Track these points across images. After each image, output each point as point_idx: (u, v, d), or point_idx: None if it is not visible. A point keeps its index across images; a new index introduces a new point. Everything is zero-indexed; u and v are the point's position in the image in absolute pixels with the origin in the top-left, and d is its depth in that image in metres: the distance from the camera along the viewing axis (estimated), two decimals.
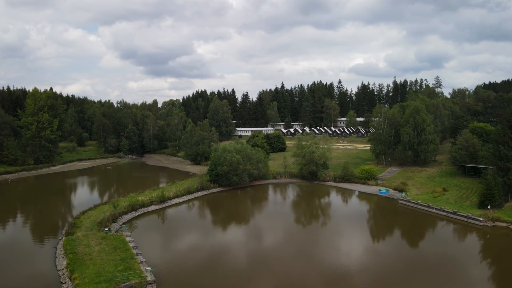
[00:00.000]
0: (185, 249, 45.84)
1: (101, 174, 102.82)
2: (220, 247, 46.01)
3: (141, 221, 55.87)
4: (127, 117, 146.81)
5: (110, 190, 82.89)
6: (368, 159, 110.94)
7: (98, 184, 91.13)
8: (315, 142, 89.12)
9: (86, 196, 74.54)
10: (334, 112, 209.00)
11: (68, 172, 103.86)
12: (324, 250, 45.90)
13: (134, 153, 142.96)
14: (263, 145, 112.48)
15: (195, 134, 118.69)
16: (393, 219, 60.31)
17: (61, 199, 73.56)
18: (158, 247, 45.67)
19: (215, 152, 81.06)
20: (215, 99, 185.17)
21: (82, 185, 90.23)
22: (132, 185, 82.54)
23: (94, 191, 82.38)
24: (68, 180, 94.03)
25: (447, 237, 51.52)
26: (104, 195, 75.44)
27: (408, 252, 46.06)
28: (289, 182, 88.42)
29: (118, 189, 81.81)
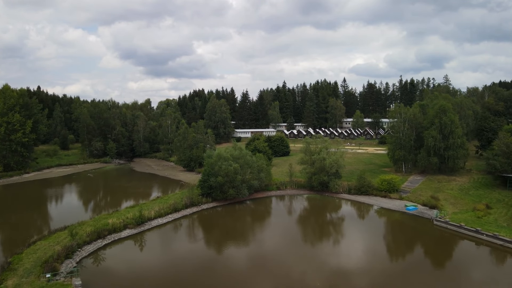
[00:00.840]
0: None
1: (78, 184, 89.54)
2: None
3: (109, 253, 43.06)
4: (116, 118, 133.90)
5: (79, 208, 67.16)
6: (383, 165, 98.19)
7: (69, 198, 76.26)
8: (325, 147, 76.28)
9: (46, 217, 61.23)
10: (339, 112, 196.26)
11: (42, 181, 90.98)
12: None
13: (123, 158, 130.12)
14: (264, 149, 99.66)
15: (188, 136, 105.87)
16: (434, 249, 47.11)
17: (14, 221, 57.82)
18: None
19: (208, 159, 68.24)
20: (212, 98, 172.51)
21: (49, 199, 75.40)
22: (109, 200, 70.07)
23: (60, 209, 67.41)
24: (37, 191, 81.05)
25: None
26: (70, 215, 59.74)
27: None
28: (296, 194, 75.57)
29: (90, 206, 67.77)
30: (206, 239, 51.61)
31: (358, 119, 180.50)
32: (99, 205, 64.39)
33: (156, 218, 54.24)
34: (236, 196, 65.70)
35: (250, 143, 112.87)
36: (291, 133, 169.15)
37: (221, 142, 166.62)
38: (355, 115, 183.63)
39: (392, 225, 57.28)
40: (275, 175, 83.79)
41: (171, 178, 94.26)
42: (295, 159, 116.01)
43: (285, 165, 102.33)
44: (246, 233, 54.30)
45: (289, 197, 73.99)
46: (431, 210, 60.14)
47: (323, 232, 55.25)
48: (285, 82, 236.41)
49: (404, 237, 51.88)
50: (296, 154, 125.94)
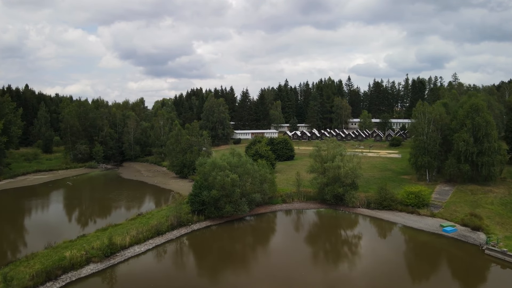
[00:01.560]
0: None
1: (50, 195, 77.28)
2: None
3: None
4: (104, 118, 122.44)
5: (35, 232, 52.68)
6: (401, 172, 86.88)
7: (28, 216, 62.22)
8: (339, 152, 64.83)
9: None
10: (345, 112, 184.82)
11: (12, 190, 79.41)
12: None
13: (111, 162, 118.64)
14: (267, 153, 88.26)
15: (181, 139, 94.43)
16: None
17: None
18: None
19: (200, 168, 56.79)
20: (210, 97, 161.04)
21: (9, 218, 60.78)
22: (78, 219, 58.70)
23: (8, 234, 52.57)
24: (2, 204, 69.57)
25: None
26: (18, 244, 47.70)
27: None
28: (305, 208, 64.03)
29: (50, 229, 52.37)
30: (198, 269, 40.51)
31: (366, 120, 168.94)
32: (62, 227, 52.17)
33: (132, 245, 42.75)
34: (234, 213, 54.23)
35: (250, 146, 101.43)
36: (294, 135, 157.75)
37: (220, 144, 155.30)
38: (362, 115, 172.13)
39: (430, 253, 45.74)
40: (279, 184, 72.43)
41: (161, 187, 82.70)
42: (301, 164, 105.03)
43: (290, 171, 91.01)
44: (246, 259, 43.36)
45: (297, 213, 62.48)
46: (475, 233, 48.69)
47: (339, 259, 43.93)
48: (287, 80, 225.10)
49: (449, 273, 40.31)
50: (301, 158, 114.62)
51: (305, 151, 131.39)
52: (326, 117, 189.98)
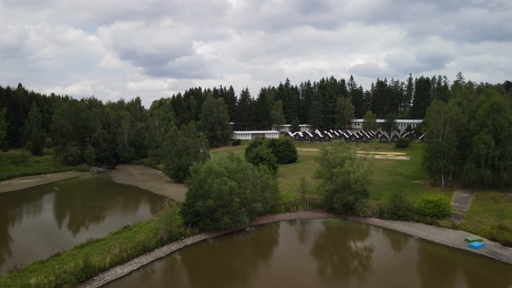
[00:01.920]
0: None
1: (33, 202, 70.62)
2: None
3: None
4: (96, 118, 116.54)
5: (8, 248, 46.16)
6: (412, 176, 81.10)
7: (1, 229, 54.15)
8: (349, 156, 58.91)
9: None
10: (348, 112, 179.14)
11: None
12: None
13: (104, 164, 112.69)
14: (268, 156, 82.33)
15: (177, 141, 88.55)
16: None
17: None
18: None
19: (195, 175, 50.90)
20: (209, 97, 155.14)
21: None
22: (56, 232, 52.62)
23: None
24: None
25: None
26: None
27: None
28: (311, 217, 58.00)
29: (22, 245, 45.96)
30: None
31: (370, 120, 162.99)
32: (35, 243, 45.66)
33: (113, 266, 36.80)
34: (233, 225, 48.28)
35: (251, 148, 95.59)
36: (296, 135, 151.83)
37: (219, 145, 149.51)
38: (366, 115, 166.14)
39: (455, 273, 39.76)
40: (282, 190, 66.53)
41: (154, 192, 76.69)
42: (304, 167, 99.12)
43: (293, 175, 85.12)
44: (247, 277, 37.80)
45: (302, 223, 56.51)
46: (507, 249, 42.73)
47: (348, 276, 38.01)
48: (288, 79, 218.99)
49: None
50: (305, 161, 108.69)
51: (308, 153, 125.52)
52: (329, 117, 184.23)
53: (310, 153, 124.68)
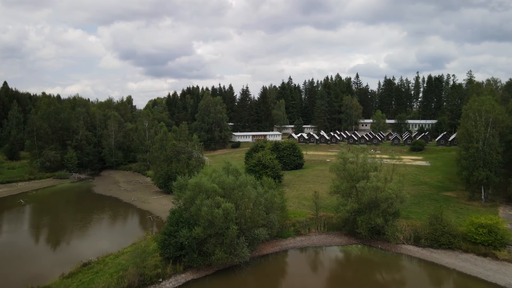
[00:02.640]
0: None
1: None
2: None
3: None
4: (80, 119, 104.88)
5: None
6: (440, 186, 69.61)
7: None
8: (374, 166, 47.24)
9: None
10: (355, 112, 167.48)
11: None
12: None
13: (88, 170, 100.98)
14: (272, 163, 70.63)
15: (166, 144, 76.95)
16: None
17: None
18: None
19: (179, 193, 39.18)
20: (206, 95, 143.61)
21: None
22: None
23: None
24: None
25: None
26: None
27: None
28: (327, 243, 46.16)
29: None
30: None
31: (380, 120, 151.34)
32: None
33: None
34: (229, 260, 36.51)
35: (251, 153, 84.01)
36: (300, 137, 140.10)
37: (216, 148, 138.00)
38: (375, 115, 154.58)
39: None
40: (289, 205, 54.88)
41: (137, 207, 64.89)
42: (312, 174, 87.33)
43: (300, 185, 73.50)
44: None
45: (317, 252, 44.72)
46: None
47: None
48: (290, 78, 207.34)
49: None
50: (312, 167, 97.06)
51: (315, 157, 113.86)
52: (334, 118, 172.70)
53: (317, 157, 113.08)
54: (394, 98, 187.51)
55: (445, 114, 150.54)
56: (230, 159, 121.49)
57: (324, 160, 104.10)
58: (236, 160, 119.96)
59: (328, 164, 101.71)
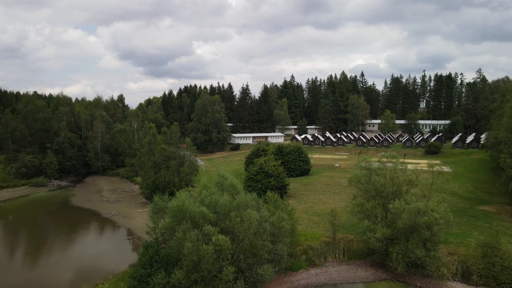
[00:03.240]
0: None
1: None
2: None
3: None
4: (63, 119, 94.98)
5: None
6: (474, 198, 59.75)
7: None
8: (408, 179, 37.31)
9: None
10: (362, 112, 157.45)
11: None
12: None
13: (70, 176, 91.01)
14: (276, 171, 60.65)
15: (155, 149, 67.05)
16: None
17: None
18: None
19: (154, 219, 29.22)
20: (203, 94, 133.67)
21: None
22: None
23: None
24: None
25: None
26: None
27: None
28: (350, 279, 36.02)
29: None
30: None
31: (389, 121, 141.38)
32: None
33: None
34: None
35: (252, 158, 74.23)
36: (304, 139, 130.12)
37: (214, 151, 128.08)
38: (383, 115, 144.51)
39: None
40: (298, 223, 44.76)
41: (117, 223, 54.85)
42: (321, 182, 77.00)
43: (308, 195, 63.53)
44: None
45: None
46: None
47: None
48: (293, 76, 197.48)
49: None
50: (319, 172, 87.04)
51: (321, 160, 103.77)
52: (340, 118, 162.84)
53: (324, 161, 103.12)
54: (401, 98, 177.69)
55: (459, 114, 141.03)
56: (229, 163, 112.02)
57: (333, 165, 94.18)
58: (235, 164, 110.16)
59: (337, 169, 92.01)
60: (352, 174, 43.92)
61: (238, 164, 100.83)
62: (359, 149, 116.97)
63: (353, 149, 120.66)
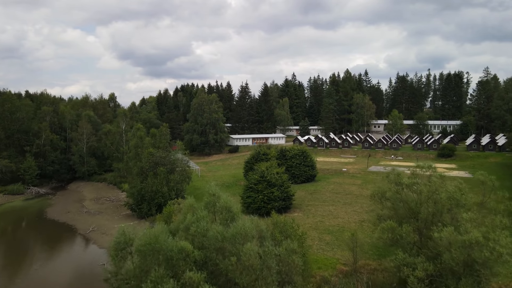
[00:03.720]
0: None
1: None
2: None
3: None
4: (45, 119, 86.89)
5: None
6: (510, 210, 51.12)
7: None
8: (455, 202, 29.22)
9: None
10: (367, 112, 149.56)
11: None
12: None
13: (52, 182, 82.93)
14: (280, 180, 52.59)
15: (142, 153, 59.00)
16: None
17: None
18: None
19: (115, 259, 21.12)
20: (200, 93, 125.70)
21: None
22: None
23: None
24: None
25: None
26: None
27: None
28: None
29: None
30: None
31: (397, 121, 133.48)
32: None
33: None
34: None
35: (252, 163, 66.30)
36: (307, 141, 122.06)
37: (211, 153, 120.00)
38: (390, 115, 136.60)
39: None
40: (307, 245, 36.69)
41: (92, 242, 46.61)
42: (329, 190, 68.43)
43: (316, 206, 55.47)
44: None
45: None
46: None
47: None
48: (294, 74, 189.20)
49: None
50: (326, 178, 78.77)
51: (326, 164, 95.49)
52: (343, 118, 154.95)
53: (329, 164, 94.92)
54: (407, 97, 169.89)
55: (471, 114, 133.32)
56: (227, 167, 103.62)
57: (340, 170, 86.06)
58: (234, 167, 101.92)
59: (345, 175, 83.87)
60: (375, 187, 35.94)
61: (237, 168, 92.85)
62: (366, 152, 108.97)
63: (359, 151, 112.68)
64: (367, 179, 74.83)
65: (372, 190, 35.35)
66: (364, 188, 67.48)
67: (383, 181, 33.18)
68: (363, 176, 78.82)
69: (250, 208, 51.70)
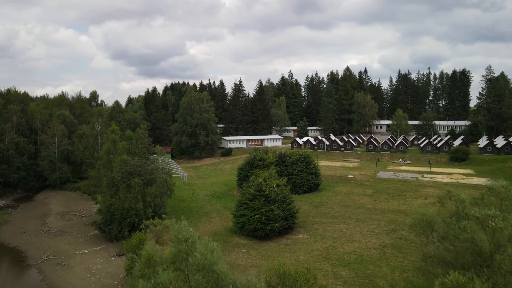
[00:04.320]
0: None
1: None
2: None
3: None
4: (11, 119, 76.12)
5: None
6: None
7: None
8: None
9: None
10: (369, 112, 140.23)
11: None
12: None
13: (18, 192, 72.24)
14: (281, 194, 42.70)
15: (115, 159, 48.82)
16: None
17: None
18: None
19: None
20: (189, 91, 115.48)
21: None
22: None
23: None
24: None
25: None
26: None
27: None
28: None
29: None
30: None
31: (401, 122, 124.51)
32: None
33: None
34: None
35: (246, 170, 56.52)
36: (307, 143, 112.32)
37: (202, 156, 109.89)
38: (396, 115, 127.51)
39: None
40: (311, 265, 26.82)
41: (39, 279, 36.38)
42: (337, 201, 57.69)
43: (324, 225, 45.50)
44: None
45: None
46: None
47: None
48: (291, 72, 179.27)
49: None
50: (331, 187, 68.10)
51: (328, 169, 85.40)
52: (344, 118, 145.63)
53: (332, 170, 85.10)
54: (410, 96, 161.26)
55: (481, 114, 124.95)
56: (218, 172, 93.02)
57: (345, 176, 76.24)
58: (226, 173, 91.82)
59: (352, 182, 73.77)
60: (416, 214, 26.24)
61: (230, 174, 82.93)
62: (370, 155, 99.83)
63: (363, 154, 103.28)
64: (378, 188, 65.25)
65: (411, 220, 25.67)
66: (377, 199, 58.01)
67: (441, 205, 23.51)
68: (372, 184, 69.20)
69: (245, 230, 41.92)
